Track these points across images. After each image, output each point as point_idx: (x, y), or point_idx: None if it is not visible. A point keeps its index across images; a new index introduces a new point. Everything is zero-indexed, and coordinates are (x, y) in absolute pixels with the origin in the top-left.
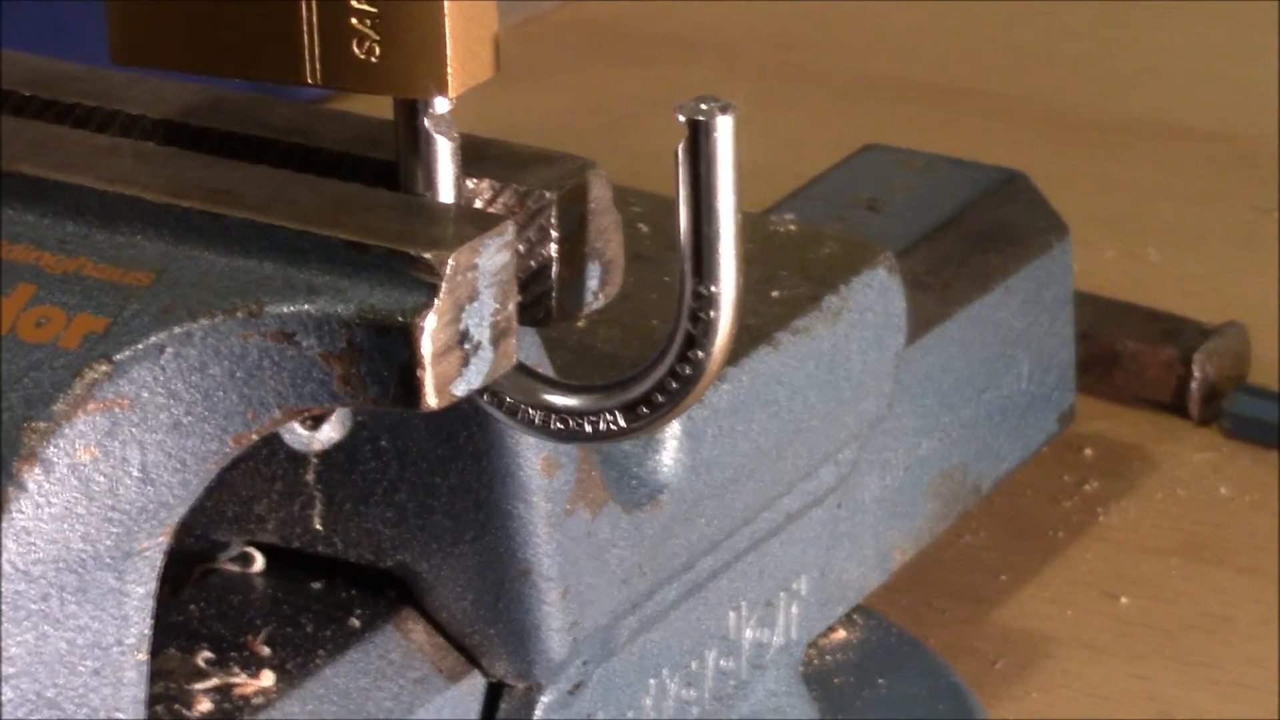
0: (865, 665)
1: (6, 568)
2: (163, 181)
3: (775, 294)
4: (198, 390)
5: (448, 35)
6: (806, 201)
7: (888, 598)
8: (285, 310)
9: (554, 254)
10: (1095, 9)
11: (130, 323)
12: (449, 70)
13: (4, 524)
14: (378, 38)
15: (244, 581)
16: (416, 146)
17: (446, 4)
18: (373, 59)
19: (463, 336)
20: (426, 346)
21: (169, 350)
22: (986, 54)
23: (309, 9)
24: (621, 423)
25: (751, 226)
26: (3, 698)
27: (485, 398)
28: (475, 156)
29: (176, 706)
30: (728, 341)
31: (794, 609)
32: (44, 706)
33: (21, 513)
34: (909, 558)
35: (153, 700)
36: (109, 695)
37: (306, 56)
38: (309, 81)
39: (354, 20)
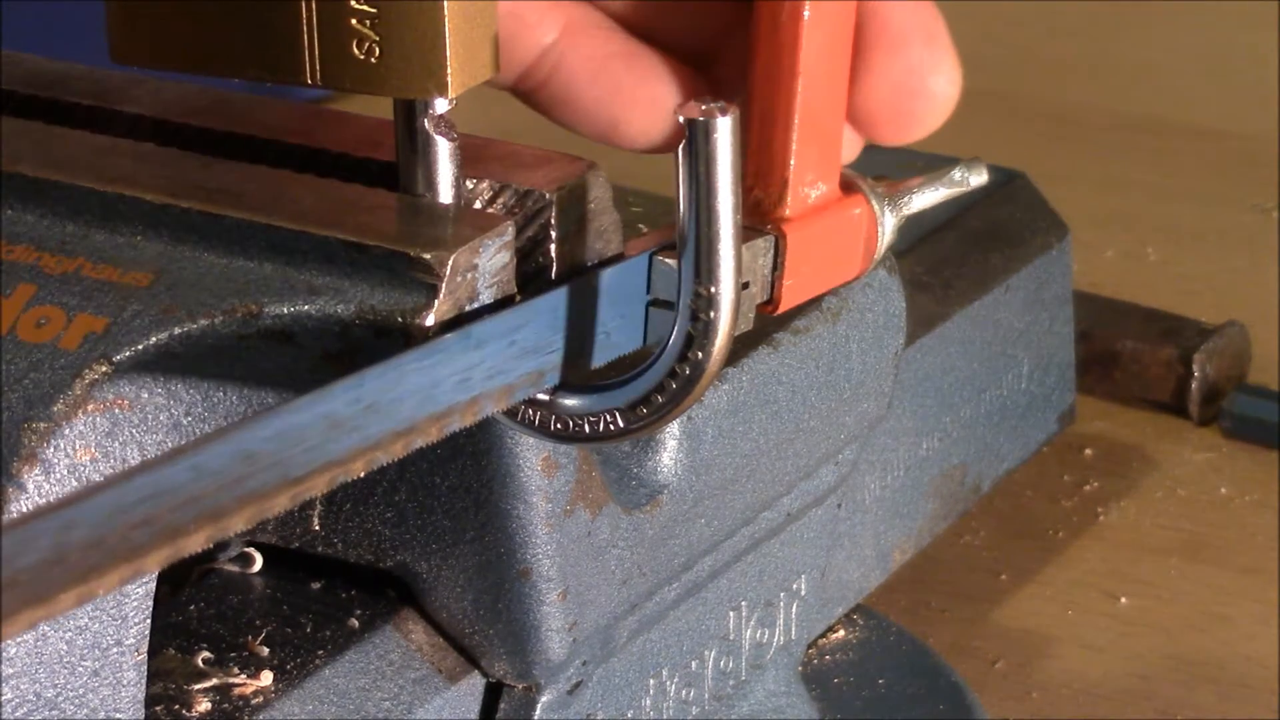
0: (865, 665)
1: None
2: (162, 182)
3: None
4: (197, 391)
5: (447, 36)
6: None
7: (888, 598)
8: (285, 311)
9: (554, 254)
10: (1095, 9)
11: (130, 323)
12: (449, 71)
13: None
14: (377, 38)
15: (243, 581)
16: (416, 147)
17: (446, 4)
18: (372, 59)
19: None
20: None
21: (169, 351)
22: (986, 54)
23: (309, 10)
24: (621, 423)
25: None
26: (2, 698)
27: None
28: (475, 156)
29: (176, 707)
30: (727, 342)
31: (794, 609)
32: (43, 707)
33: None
34: (909, 558)
35: (152, 700)
36: (108, 695)
37: (306, 57)
38: (309, 82)
39: (354, 21)
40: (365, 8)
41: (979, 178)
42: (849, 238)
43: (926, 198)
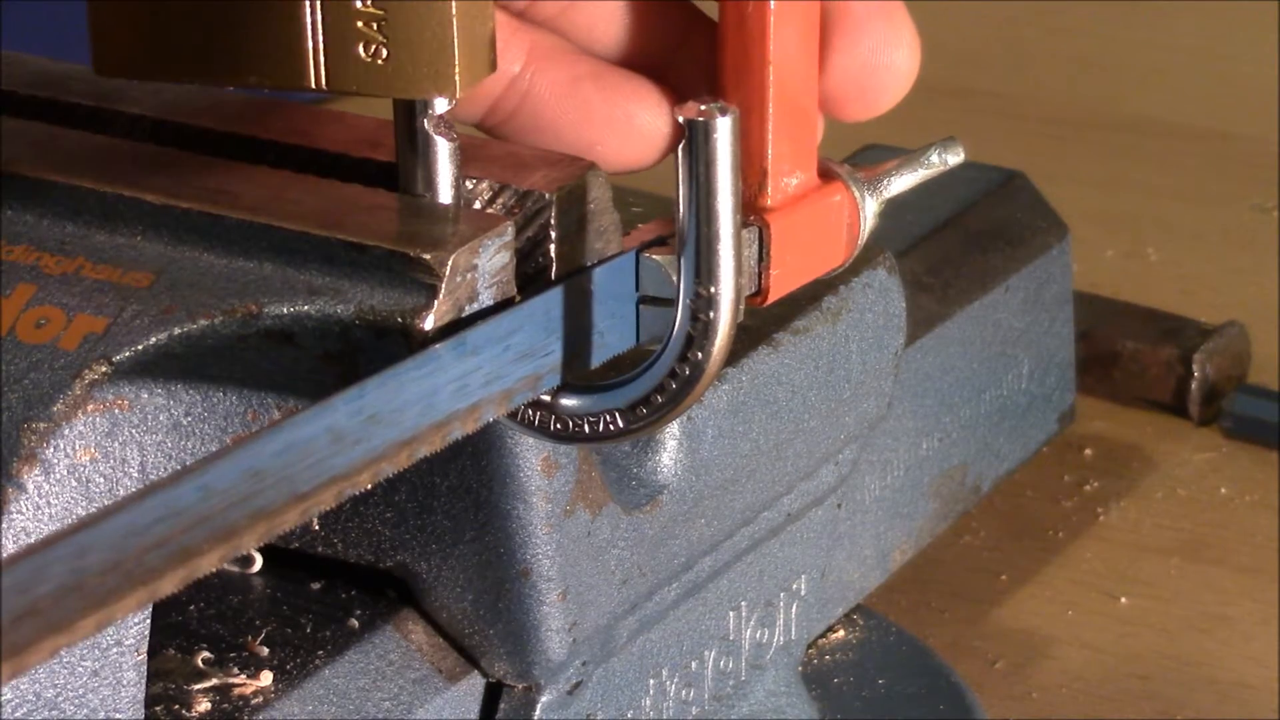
0: (865, 665)
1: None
2: (162, 182)
3: None
4: (197, 391)
5: (455, 35)
6: None
7: (888, 598)
8: (284, 311)
9: (554, 254)
10: (1095, 9)
11: (130, 324)
12: (455, 70)
13: (3, 525)
14: (384, 39)
15: (243, 582)
16: (416, 147)
17: (454, 4)
18: (378, 61)
19: None
20: None
21: (169, 351)
22: (986, 54)
23: (313, 15)
24: (621, 423)
25: None
26: (2, 698)
27: None
28: (475, 157)
29: (176, 707)
30: (727, 342)
31: (794, 609)
32: (43, 707)
33: (21, 514)
34: (909, 558)
35: (152, 700)
36: (108, 695)
37: (310, 62)
38: (312, 86)
39: (360, 23)
40: (372, 10)
41: (955, 157)
42: (832, 224)
43: (905, 180)
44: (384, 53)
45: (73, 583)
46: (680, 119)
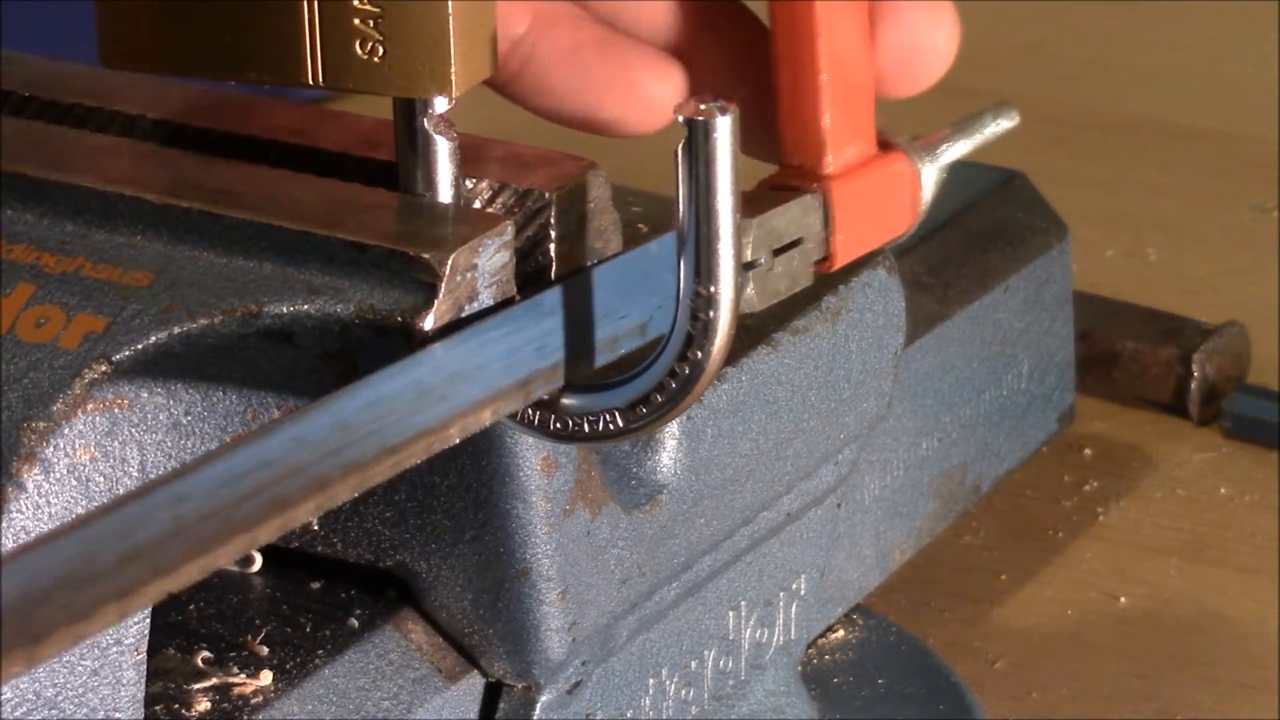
0: (865, 665)
1: None
2: (162, 182)
3: None
4: (197, 390)
5: (452, 35)
6: None
7: (888, 598)
8: (284, 310)
9: (553, 254)
10: (1095, 9)
11: (129, 323)
12: (452, 70)
13: (3, 524)
14: (381, 37)
15: (243, 581)
16: (416, 146)
17: (451, 4)
18: (375, 59)
19: None
20: None
21: (168, 350)
22: (986, 54)
23: (311, 11)
24: (620, 423)
25: None
26: (2, 697)
27: None
28: (475, 156)
29: (175, 706)
30: (726, 341)
31: (793, 609)
32: (43, 706)
33: (21, 513)
34: (909, 558)
35: (151, 700)
36: (107, 694)
37: (308, 58)
38: (309, 83)
39: (357, 21)
40: (369, 8)
41: (1010, 121)
42: (894, 192)
43: (960, 147)
44: (381, 50)
45: (173, 529)
46: (680, 118)
